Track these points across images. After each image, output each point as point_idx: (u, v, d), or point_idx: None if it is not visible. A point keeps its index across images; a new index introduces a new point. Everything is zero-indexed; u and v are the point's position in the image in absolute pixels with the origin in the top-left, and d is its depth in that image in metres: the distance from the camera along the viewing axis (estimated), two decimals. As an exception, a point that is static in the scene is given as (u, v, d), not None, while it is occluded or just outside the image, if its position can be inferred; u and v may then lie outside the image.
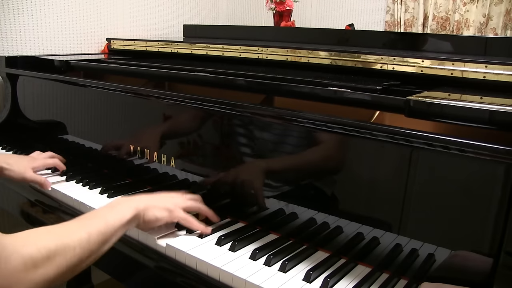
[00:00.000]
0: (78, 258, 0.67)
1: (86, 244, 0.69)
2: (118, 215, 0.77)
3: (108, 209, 0.80)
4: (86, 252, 0.69)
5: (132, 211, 0.80)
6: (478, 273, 0.66)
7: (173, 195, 0.90)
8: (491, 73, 0.88)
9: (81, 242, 0.68)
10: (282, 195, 0.89)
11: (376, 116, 0.83)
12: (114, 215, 0.77)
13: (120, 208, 0.80)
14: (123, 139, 1.17)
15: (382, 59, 1.03)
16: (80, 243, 0.68)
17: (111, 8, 1.87)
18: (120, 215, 0.78)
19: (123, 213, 0.78)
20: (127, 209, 0.80)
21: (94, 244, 0.70)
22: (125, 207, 0.80)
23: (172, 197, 0.89)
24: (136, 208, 0.81)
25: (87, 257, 0.69)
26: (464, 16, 2.13)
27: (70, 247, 0.66)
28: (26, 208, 1.18)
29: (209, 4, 2.31)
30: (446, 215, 0.69)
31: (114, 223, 0.75)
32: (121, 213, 0.78)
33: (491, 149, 0.62)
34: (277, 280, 0.72)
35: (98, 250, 0.72)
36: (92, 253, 0.70)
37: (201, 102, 0.97)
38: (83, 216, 0.77)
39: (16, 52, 1.61)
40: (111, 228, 0.74)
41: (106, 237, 0.73)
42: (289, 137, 0.87)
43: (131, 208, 0.80)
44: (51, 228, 0.69)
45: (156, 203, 0.85)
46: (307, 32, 1.62)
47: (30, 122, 1.48)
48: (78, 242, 0.68)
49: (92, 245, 0.70)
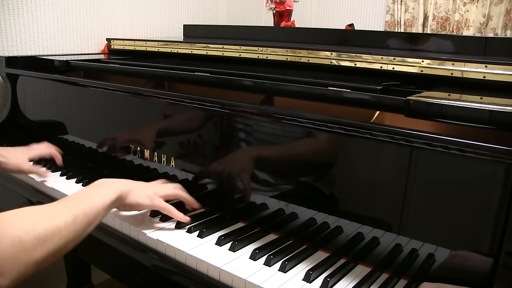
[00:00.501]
0: (64, 241, 0.67)
1: (72, 226, 0.69)
2: (102, 196, 0.78)
3: (93, 189, 0.80)
4: (72, 234, 0.69)
5: (115, 192, 0.81)
6: (478, 273, 0.66)
7: (154, 184, 0.92)
8: (491, 73, 0.88)
9: (67, 224, 0.68)
10: (282, 195, 0.89)
11: (376, 116, 0.83)
12: (98, 196, 0.78)
13: (104, 189, 0.80)
14: (120, 136, 1.17)
15: (382, 59, 1.03)
16: (66, 225, 0.68)
17: (111, 8, 1.87)
18: (104, 197, 0.78)
19: (107, 194, 0.79)
20: (111, 191, 0.80)
21: (79, 226, 0.70)
22: (109, 188, 0.81)
23: (153, 185, 0.91)
24: (120, 190, 0.82)
25: (72, 239, 0.69)
26: (464, 16, 2.13)
27: (58, 229, 0.66)
28: (26, 208, 1.18)
29: (209, 4, 2.31)
30: (446, 215, 0.69)
31: (98, 205, 0.76)
32: (105, 194, 0.79)
33: (491, 149, 0.62)
34: (277, 280, 0.72)
35: (82, 232, 0.71)
36: (76, 234, 0.70)
37: (201, 102, 0.97)
38: (68, 197, 0.77)
39: (16, 52, 1.61)
40: (95, 209, 0.75)
41: (90, 219, 0.73)
42: (289, 137, 0.87)
43: (115, 189, 0.81)
44: (38, 209, 0.69)
45: (138, 189, 0.86)
46: (307, 32, 1.62)
47: (30, 122, 1.48)
48: (64, 224, 0.67)
49: (78, 226, 0.70)
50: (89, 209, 0.73)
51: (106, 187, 0.81)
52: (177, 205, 0.93)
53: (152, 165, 1.10)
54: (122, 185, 0.84)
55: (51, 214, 0.68)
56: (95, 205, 0.75)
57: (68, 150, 1.34)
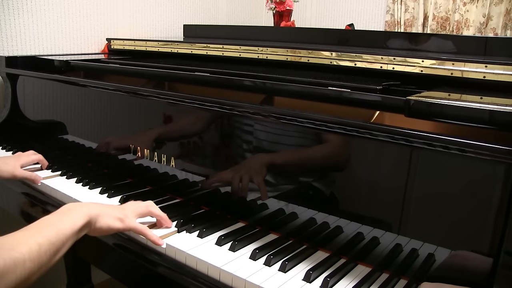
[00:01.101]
0: (28, 272, 0.63)
1: (36, 257, 0.64)
2: (70, 222, 0.74)
3: (59, 215, 0.75)
4: (36, 264, 0.64)
5: (84, 218, 0.76)
6: (478, 273, 0.66)
7: (124, 205, 0.88)
8: (491, 73, 0.88)
9: (31, 255, 0.64)
10: (282, 195, 0.89)
11: (376, 116, 0.83)
12: (66, 222, 0.73)
13: (72, 215, 0.76)
14: (121, 137, 1.17)
15: (382, 59, 1.03)
16: (30, 256, 0.64)
17: (111, 8, 1.87)
18: (71, 222, 0.74)
19: (75, 220, 0.75)
20: (79, 216, 0.76)
21: (45, 255, 0.66)
22: (77, 213, 0.77)
23: (123, 207, 0.87)
24: (88, 215, 0.77)
25: (37, 269, 0.65)
26: (464, 16, 2.13)
27: (20, 261, 0.62)
28: (26, 208, 1.18)
29: (209, 4, 2.31)
30: (446, 215, 0.69)
31: (66, 231, 0.72)
32: (72, 220, 0.74)
33: (491, 149, 0.62)
34: (277, 280, 0.72)
35: (49, 261, 0.67)
36: (42, 265, 0.66)
37: (201, 102, 0.97)
38: (33, 224, 0.72)
39: (16, 52, 1.61)
40: (62, 236, 0.70)
41: (57, 247, 0.69)
42: (289, 137, 0.87)
43: (83, 214, 0.77)
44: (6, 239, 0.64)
45: (108, 212, 0.82)
46: (307, 32, 1.62)
47: (30, 122, 1.48)
48: (28, 255, 0.63)
49: (43, 256, 0.66)
50: (55, 237, 0.69)
51: (73, 212, 0.76)
52: (176, 205, 0.93)
53: (152, 165, 1.10)
54: (91, 209, 0.79)
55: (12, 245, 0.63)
56: (62, 232, 0.71)
57: (68, 150, 1.34)
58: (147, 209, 0.88)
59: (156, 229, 0.88)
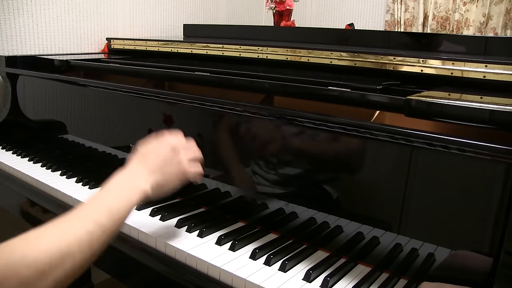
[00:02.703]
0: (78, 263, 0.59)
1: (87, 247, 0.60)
2: (124, 200, 0.68)
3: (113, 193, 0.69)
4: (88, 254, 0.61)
5: (140, 193, 0.70)
6: (478, 273, 0.66)
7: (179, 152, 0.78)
8: (491, 72, 0.88)
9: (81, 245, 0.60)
10: (282, 195, 0.88)
11: (376, 116, 0.83)
12: (120, 200, 0.67)
13: (127, 191, 0.69)
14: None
15: (382, 59, 1.03)
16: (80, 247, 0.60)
17: (111, 8, 1.87)
18: (126, 201, 0.68)
19: (130, 197, 0.69)
20: (134, 192, 0.70)
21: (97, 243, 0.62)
22: (132, 189, 0.70)
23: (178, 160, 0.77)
24: (144, 191, 0.71)
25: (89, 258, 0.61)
26: (464, 16, 2.13)
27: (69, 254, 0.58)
28: (26, 208, 1.18)
29: (209, 4, 2.31)
30: (446, 214, 0.69)
31: (119, 211, 0.66)
32: (127, 197, 0.68)
33: (492, 149, 0.62)
34: (277, 280, 0.72)
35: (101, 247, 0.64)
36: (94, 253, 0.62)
37: (201, 102, 0.97)
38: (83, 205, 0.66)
39: (16, 52, 1.61)
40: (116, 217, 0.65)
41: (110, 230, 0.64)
42: (289, 137, 0.86)
43: (139, 190, 0.71)
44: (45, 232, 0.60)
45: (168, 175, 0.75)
46: (307, 32, 1.62)
47: (30, 121, 1.48)
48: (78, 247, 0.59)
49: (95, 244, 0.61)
50: (107, 220, 0.64)
51: (128, 188, 0.70)
52: (176, 204, 0.93)
53: (152, 164, 1.10)
54: (148, 181, 0.72)
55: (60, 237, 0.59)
56: (116, 213, 0.65)
57: (68, 150, 1.34)
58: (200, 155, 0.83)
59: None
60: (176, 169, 0.77)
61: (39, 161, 1.26)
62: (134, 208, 0.70)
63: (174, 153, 0.78)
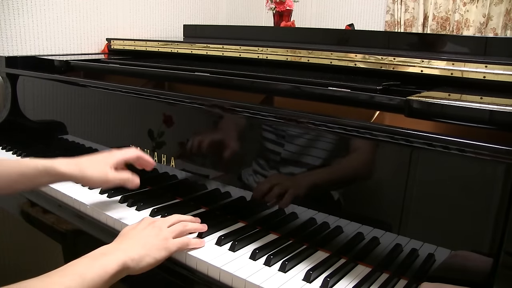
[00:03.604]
0: None
1: None
2: (100, 269, 0.66)
3: (89, 260, 0.68)
4: None
5: (118, 264, 0.69)
6: (478, 273, 0.66)
7: (159, 228, 0.80)
8: (491, 73, 0.88)
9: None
10: (282, 195, 0.88)
11: (376, 116, 0.83)
12: (95, 269, 0.66)
13: (104, 261, 0.68)
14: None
15: (382, 59, 1.03)
16: None
17: (111, 8, 1.87)
18: (102, 270, 0.66)
19: (106, 267, 0.67)
20: (112, 262, 0.68)
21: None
22: (111, 259, 0.69)
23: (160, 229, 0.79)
24: (123, 262, 0.70)
25: None
26: (464, 16, 2.13)
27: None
28: (26, 208, 1.18)
29: (209, 4, 2.31)
30: (446, 215, 0.69)
31: (94, 280, 0.64)
32: (104, 267, 0.67)
33: (491, 149, 0.62)
34: (277, 280, 0.72)
35: None
36: None
37: (201, 102, 0.97)
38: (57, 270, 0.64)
39: (16, 52, 1.61)
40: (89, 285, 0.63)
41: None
42: (288, 137, 0.86)
43: (118, 261, 0.69)
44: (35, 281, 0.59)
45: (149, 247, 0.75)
46: (307, 32, 1.62)
47: (30, 122, 1.48)
48: None
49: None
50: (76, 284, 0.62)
51: (106, 258, 0.69)
52: (176, 205, 0.92)
53: (152, 165, 1.10)
54: (128, 253, 0.71)
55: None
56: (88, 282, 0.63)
57: (68, 150, 1.34)
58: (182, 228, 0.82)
59: None
60: (157, 240, 0.76)
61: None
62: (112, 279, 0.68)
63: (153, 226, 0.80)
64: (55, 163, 0.86)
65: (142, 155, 0.96)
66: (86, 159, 0.90)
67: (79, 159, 0.90)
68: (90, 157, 0.91)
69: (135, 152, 0.96)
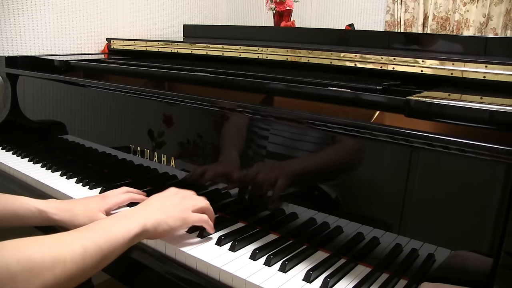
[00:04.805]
0: (69, 274, 0.59)
1: (80, 260, 0.61)
2: (123, 229, 0.70)
3: (113, 220, 0.72)
4: (80, 268, 0.61)
5: (139, 227, 0.72)
6: (478, 273, 0.66)
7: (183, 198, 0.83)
8: (491, 73, 0.88)
9: (73, 257, 0.60)
10: (282, 195, 0.88)
11: (376, 116, 0.83)
12: (119, 228, 0.69)
13: (126, 222, 0.72)
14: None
15: (382, 59, 1.03)
16: (73, 258, 0.60)
17: (111, 8, 1.87)
18: (125, 229, 0.70)
19: (129, 228, 0.71)
20: (133, 224, 0.72)
21: (90, 260, 0.62)
22: (132, 221, 0.72)
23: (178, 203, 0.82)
24: (144, 225, 0.73)
25: (80, 273, 0.61)
26: (464, 16, 2.13)
27: (60, 261, 0.58)
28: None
29: (209, 4, 2.31)
30: (446, 215, 0.69)
31: (117, 237, 0.67)
32: (126, 227, 0.70)
33: (491, 149, 0.62)
34: (277, 280, 0.72)
35: (95, 267, 0.63)
36: (86, 269, 0.62)
37: (201, 102, 0.97)
38: (83, 227, 0.69)
39: (16, 52, 1.61)
40: (112, 242, 0.66)
41: (106, 253, 0.65)
42: (288, 137, 0.86)
43: (139, 223, 0.73)
44: (41, 238, 0.61)
45: (168, 214, 0.78)
46: (307, 32, 1.62)
47: (30, 122, 1.48)
48: (70, 257, 0.60)
49: (87, 260, 0.62)
50: (104, 242, 0.65)
51: (128, 219, 0.72)
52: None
53: (152, 165, 1.10)
54: (148, 218, 0.74)
55: (54, 243, 0.60)
56: (113, 238, 0.66)
57: (68, 150, 1.34)
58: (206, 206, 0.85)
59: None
60: (177, 210, 0.80)
61: (39, 161, 1.26)
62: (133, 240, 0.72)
63: (177, 196, 0.84)
64: (48, 208, 0.87)
65: (134, 197, 0.98)
66: (80, 204, 0.90)
67: (73, 205, 0.90)
68: (83, 202, 0.91)
69: (128, 196, 0.97)
